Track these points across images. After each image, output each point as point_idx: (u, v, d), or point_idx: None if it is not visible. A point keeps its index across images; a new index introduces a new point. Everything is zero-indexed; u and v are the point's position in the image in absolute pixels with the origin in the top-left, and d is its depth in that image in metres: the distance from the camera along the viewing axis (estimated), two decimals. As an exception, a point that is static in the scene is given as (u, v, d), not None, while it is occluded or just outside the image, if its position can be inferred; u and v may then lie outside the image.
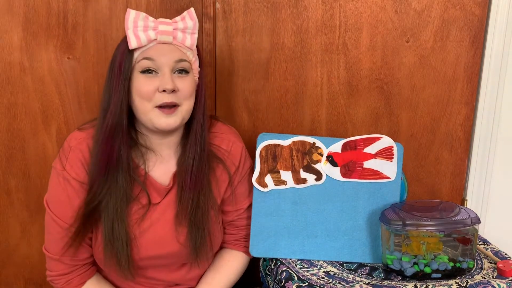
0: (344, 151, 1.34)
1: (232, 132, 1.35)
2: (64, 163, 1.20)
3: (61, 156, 1.21)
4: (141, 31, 1.16)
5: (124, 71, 1.16)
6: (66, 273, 1.24)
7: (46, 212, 1.23)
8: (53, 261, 1.24)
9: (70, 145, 1.21)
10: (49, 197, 1.23)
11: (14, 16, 1.44)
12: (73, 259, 1.23)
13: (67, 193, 1.20)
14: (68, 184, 1.20)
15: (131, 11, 1.18)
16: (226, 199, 1.33)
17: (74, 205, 1.20)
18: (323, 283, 1.20)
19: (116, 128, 1.17)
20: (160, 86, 1.15)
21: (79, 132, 1.24)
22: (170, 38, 1.18)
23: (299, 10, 1.49)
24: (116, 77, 1.17)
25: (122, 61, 1.17)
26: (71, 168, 1.20)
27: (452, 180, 1.63)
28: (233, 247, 1.37)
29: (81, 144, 1.21)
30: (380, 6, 1.49)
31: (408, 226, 1.22)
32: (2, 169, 1.54)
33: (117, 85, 1.16)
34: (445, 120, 1.58)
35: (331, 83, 1.54)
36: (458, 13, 1.50)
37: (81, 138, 1.21)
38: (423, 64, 1.53)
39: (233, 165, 1.32)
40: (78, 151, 1.20)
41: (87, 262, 1.27)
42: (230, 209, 1.34)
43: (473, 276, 1.23)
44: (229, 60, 1.51)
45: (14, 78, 1.48)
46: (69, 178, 1.19)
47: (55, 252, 1.23)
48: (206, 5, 1.47)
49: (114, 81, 1.17)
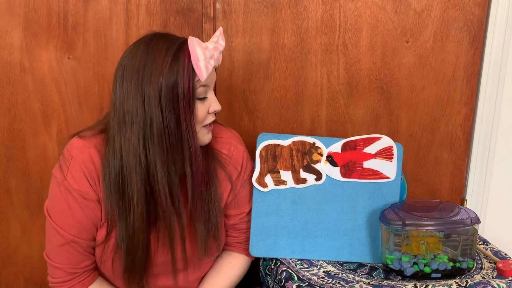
0: (344, 151, 1.34)
1: (234, 136, 1.35)
2: (65, 173, 1.17)
3: (62, 164, 1.19)
4: (208, 63, 1.16)
5: (192, 98, 1.16)
6: (67, 280, 1.23)
7: (47, 220, 1.21)
8: (53, 268, 1.23)
9: (71, 154, 1.18)
10: (50, 205, 1.21)
11: (14, 16, 1.44)
12: (74, 267, 1.22)
13: (69, 204, 1.18)
14: (69, 194, 1.17)
15: (194, 41, 1.16)
16: (228, 203, 1.33)
17: (76, 216, 1.18)
18: (323, 283, 1.20)
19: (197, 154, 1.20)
20: (210, 109, 1.20)
21: (80, 140, 1.20)
22: (219, 62, 1.22)
23: (299, 10, 1.49)
24: (185, 108, 1.15)
25: (190, 92, 1.15)
26: (72, 179, 1.17)
27: (451, 180, 1.63)
28: (234, 249, 1.37)
29: (83, 153, 1.17)
30: (380, 7, 1.49)
31: (408, 226, 1.22)
32: (2, 169, 1.55)
33: (188, 113, 1.16)
34: (445, 120, 1.58)
35: (331, 83, 1.54)
36: (457, 13, 1.50)
37: (83, 147, 1.18)
38: (422, 64, 1.54)
39: (235, 169, 1.32)
40: (81, 161, 1.17)
41: (89, 268, 1.25)
42: (232, 213, 1.34)
43: (472, 276, 1.23)
44: (229, 60, 1.51)
45: (14, 78, 1.48)
46: (71, 189, 1.17)
47: (56, 260, 1.22)
48: (206, 5, 1.47)
49: (184, 112, 1.15)
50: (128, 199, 1.16)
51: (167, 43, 1.15)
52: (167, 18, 1.47)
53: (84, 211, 1.19)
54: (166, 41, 1.16)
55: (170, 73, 1.13)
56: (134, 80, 1.14)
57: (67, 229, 1.19)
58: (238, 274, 1.36)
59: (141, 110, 1.13)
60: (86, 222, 1.19)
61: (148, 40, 1.17)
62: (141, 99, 1.13)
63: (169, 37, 1.18)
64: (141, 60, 1.14)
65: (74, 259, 1.21)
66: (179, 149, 1.16)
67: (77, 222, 1.19)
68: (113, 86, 1.18)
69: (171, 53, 1.14)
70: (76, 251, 1.21)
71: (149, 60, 1.14)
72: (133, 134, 1.14)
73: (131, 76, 1.14)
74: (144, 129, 1.14)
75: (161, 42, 1.16)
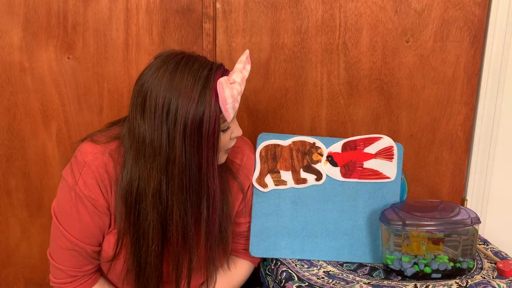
0: (344, 151, 1.34)
1: (246, 144, 1.34)
2: (77, 178, 1.15)
3: (74, 168, 1.16)
4: (235, 101, 1.12)
5: (217, 139, 1.13)
6: (68, 282, 1.23)
7: (53, 221, 1.20)
8: (56, 269, 1.22)
9: (85, 159, 1.15)
10: (58, 208, 1.20)
11: (14, 16, 1.44)
12: (76, 270, 1.22)
13: (78, 209, 1.17)
14: (79, 200, 1.16)
15: (223, 83, 1.09)
16: (239, 212, 1.33)
17: (84, 221, 1.17)
18: (323, 283, 1.20)
19: None
20: (232, 135, 1.19)
21: (94, 144, 1.17)
22: None
23: (299, 10, 1.49)
24: (210, 144, 1.12)
25: (216, 129, 1.12)
26: (84, 185, 1.15)
27: (452, 180, 1.63)
28: (240, 255, 1.37)
29: (97, 160, 1.15)
30: (380, 6, 1.49)
31: (408, 226, 1.22)
32: (2, 169, 1.54)
33: (211, 152, 1.12)
34: (445, 120, 1.58)
35: (331, 83, 1.54)
36: (458, 13, 1.50)
37: (97, 152, 1.15)
38: (423, 64, 1.53)
39: (247, 178, 1.32)
40: (94, 168, 1.15)
41: (91, 272, 1.25)
42: (242, 221, 1.34)
43: (473, 276, 1.23)
44: (229, 60, 1.51)
45: (14, 78, 1.48)
46: (81, 195, 1.15)
47: (59, 261, 1.21)
48: (206, 5, 1.47)
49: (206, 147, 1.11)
50: (143, 232, 1.15)
51: (193, 77, 1.10)
52: (167, 18, 1.47)
53: (92, 218, 1.18)
54: (192, 74, 1.10)
55: (196, 112, 1.08)
56: (158, 113, 1.09)
57: (73, 233, 1.18)
58: (241, 280, 1.36)
59: (165, 147, 1.09)
60: (93, 228, 1.19)
61: (172, 69, 1.10)
62: (166, 136, 1.09)
63: (194, 67, 1.11)
64: (165, 93, 1.08)
65: (77, 262, 1.21)
66: (198, 191, 1.14)
67: (84, 228, 1.18)
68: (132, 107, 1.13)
69: (198, 90, 1.09)
70: (80, 255, 1.20)
71: (174, 95, 1.08)
72: (153, 169, 1.11)
73: (154, 108, 1.09)
74: (167, 167, 1.11)
75: (186, 75, 1.10)
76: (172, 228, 1.15)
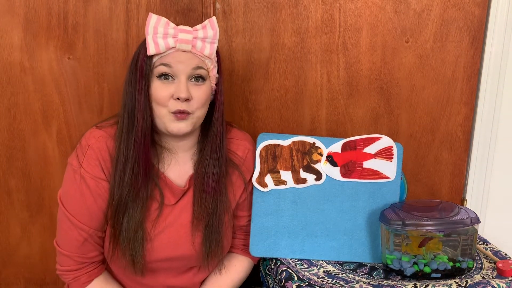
0: (344, 151, 1.35)
1: (247, 139, 1.36)
2: (81, 160, 1.20)
3: (78, 152, 1.22)
4: (160, 38, 1.16)
5: (146, 75, 1.17)
6: (74, 270, 1.24)
7: (59, 208, 1.23)
8: (63, 256, 1.24)
9: (88, 143, 1.21)
10: (63, 193, 1.24)
11: (14, 16, 1.44)
12: (82, 256, 1.24)
13: (82, 191, 1.20)
14: (83, 182, 1.20)
15: (153, 16, 1.17)
16: (240, 204, 1.34)
17: (88, 204, 1.21)
18: (323, 283, 1.20)
19: (146, 132, 1.19)
20: (175, 94, 1.16)
21: (98, 130, 1.23)
22: (189, 47, 1.17)
23: (299, 10, 1.49)
24: (139, 81, 1.17)
25: (143, 65, 1.17)
26: (88, 166, 1.20)
27: (451, 180, 1.63)
28: (240, 252, 1.37)
29: (99, 142, 1.21)
30: (380, 7, 1.49)
31: (408, 226, 1.22)
32: (2, 169, 1.54)
33: (141, 89, 1.17)
34: (445, 120, 1.58)
35: (331, 83, 1.54)
36: (457, 13, 1.50)
37: (100, 136, 1.21)
38: (422, 64, 1.54)
39: (248, 171, 1.33)
40: (97, 150, 1.20)
41: (96, 260, 1.27)
42: (243, 214, 1.35)
43: (472, 276, 1.23)
44: (229, 60, 1.51)
45: (14, 78, 1.48)
46: (86, 176, 1.20)
47: (65, 248, 1.23)
48: (206, 5, 1.47)
49: (137, 85, 1.18)
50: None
51: None
52: (167, 18, 1.47)
53: (96, 200, 1.21)
54: None
55: (136, 49, 1.21)
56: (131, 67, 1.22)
57: (78, 217, 1.21)
58: (241, 277, 1.36)
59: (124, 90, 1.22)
60: (97, 211, 1.22)
61: None
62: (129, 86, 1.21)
63: None
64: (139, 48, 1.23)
65: (83, 248, 1.23)
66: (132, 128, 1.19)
67: (88, 211, 1.21)
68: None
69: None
70: (85, 240, 1.22)
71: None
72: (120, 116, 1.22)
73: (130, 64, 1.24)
74: (123, 109, 1.21)
75: None
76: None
